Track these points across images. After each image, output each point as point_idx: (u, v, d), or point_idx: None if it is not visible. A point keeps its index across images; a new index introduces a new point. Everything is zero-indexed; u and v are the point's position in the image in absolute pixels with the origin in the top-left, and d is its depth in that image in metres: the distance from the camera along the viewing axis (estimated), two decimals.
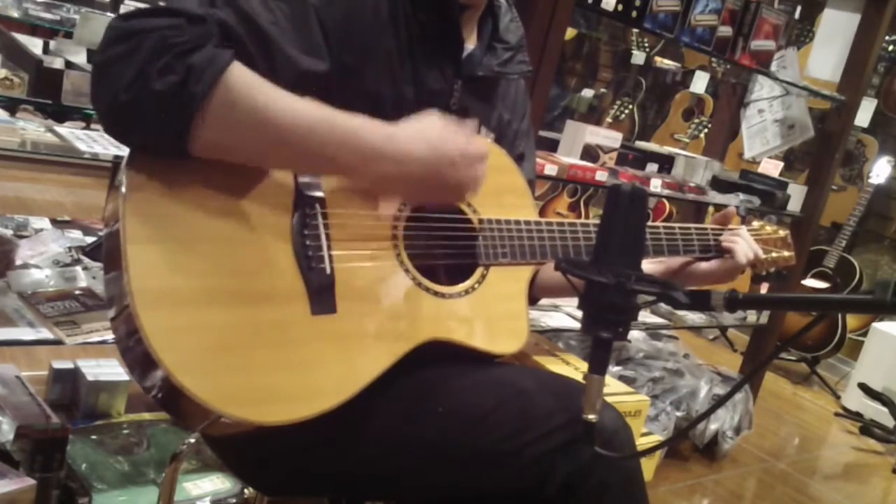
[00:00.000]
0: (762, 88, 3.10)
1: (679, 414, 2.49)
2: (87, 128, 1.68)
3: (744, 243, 1.30)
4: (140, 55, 0.82)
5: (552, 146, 2.30)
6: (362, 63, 1.02)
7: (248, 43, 0.89)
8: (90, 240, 1.80)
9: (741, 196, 2.70)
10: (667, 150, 2.92)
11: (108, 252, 0.90)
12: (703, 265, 1.32)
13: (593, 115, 5.84)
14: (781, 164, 3.20)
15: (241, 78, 0.86)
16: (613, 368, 2.56)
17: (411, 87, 1.07)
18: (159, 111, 0.83)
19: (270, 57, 0.92)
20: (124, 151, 0.89)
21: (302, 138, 0.88)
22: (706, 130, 5.09)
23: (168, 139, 0.85)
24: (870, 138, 4.47)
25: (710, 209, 4.02)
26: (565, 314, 2.30)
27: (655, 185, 2.34)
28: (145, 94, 0.82)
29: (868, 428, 3.49)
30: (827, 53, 2.98)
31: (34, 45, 1.67)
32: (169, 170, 0.88)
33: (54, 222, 1.87)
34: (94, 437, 1.79)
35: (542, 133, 2.32)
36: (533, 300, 1.32)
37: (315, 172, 0.97)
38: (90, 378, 1.88)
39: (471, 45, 1.16)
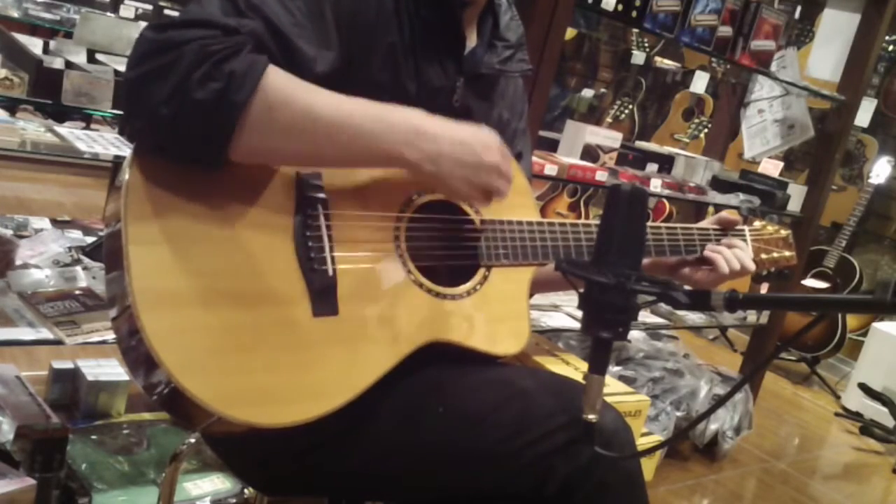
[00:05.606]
0: (762, 88, 3.10)
1: (679, 414, 2.49)
2: (87, 128, 1.68)
3: (728, 253, 1.29)
4: (179, 66, 0.81)
5: (552, 146, 2.30)
6: (367, 56, 1.02)
7: (276, 53, 0.90)
8: (90, 240, 1.80)
9: (741, 196, 2.70)
10: (667, 150, 2.92)
11: (109, 252, 0.90)
12: (689, 273, 1.31)
13: (593, 115, 5.84)
14: (781, 164, 3.20)
15: (279, 80, 0.87)
16: (613, 368, 2.56)
17: (414, 83, 1.07)
18: (202, 120, 0.83)
19: (296, 66, 0.93)
20: (124, 151, 0.89)
21: (347, 127, 0.90)
22: (706, 130, 5.09)
23: (210, 148, 0.85)
24: (870, 138, 4.47)
25: (710, 209, 4.02)
26: (565, 314, 2.30)
27: (655, 185, 2.34)
28: (188, 105, 0.82)
29: (868, 428, 3.49)
30: (827, 53, 2.98)
31: (34, 45, 1.67)
32: (171, 170, 0.87)
33: (54, 222, 1.88)
34: (94, 437, 1.79)
35: (542, 133, 2.32)
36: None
37: (361, 162, 0.97)
38: (90, 378, 1.88)
39: (471, 42, 1.16)
